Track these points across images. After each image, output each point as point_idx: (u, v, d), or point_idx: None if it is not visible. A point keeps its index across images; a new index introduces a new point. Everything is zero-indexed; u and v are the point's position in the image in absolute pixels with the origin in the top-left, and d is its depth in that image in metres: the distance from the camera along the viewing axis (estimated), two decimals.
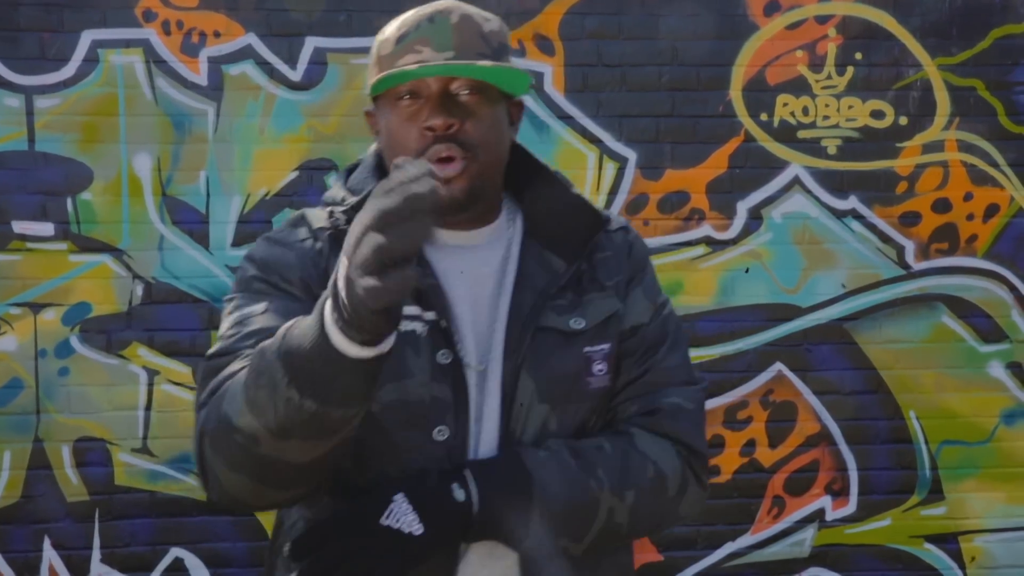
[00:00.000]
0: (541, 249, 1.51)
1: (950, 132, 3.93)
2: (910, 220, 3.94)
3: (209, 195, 3.68)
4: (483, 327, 1.46)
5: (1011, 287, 3.97)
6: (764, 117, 3.88)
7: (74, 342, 3.65)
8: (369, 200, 1.08)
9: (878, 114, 3.92)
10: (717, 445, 3.89)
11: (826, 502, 3.94)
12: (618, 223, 1.59)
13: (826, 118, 3.90)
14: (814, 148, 3.90)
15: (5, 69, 3.59)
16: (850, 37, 3.90)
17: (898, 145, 3.92)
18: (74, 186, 3.63)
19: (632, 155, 3.84)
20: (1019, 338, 3.98)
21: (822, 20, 3.90)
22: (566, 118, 3.81)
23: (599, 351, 1.48)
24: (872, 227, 3.92)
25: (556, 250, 1.51)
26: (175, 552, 3.70)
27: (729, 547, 3.91)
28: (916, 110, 3.92)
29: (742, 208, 3.88)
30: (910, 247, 3.93)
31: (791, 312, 3.91)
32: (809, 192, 3.90)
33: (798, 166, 3.89)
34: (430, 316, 1.42)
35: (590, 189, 3.82)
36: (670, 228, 3.85)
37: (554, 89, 3.79)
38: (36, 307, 3.64)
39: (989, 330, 3.97)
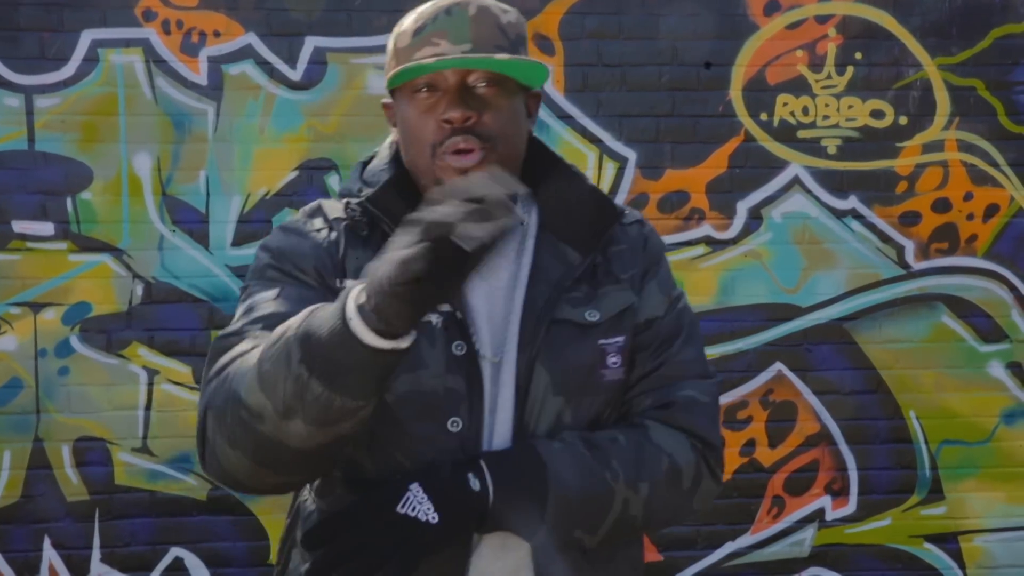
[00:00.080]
0: (556, 241, 1.51)
1: (950, 132, 3.93)
2: (910, 220, 3.94)
3: (209, 195, 3.68)
4: (498, 319, 1.46)
5: (1011, 287, 3.97)
6: (764, 117, 3.88)
7: (74, 342, 3.65)
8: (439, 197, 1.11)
9: (878, 114, 3.91)
10: None
11: (826, 502, 3.94)
12: (633, 216, 1.59)
13: (826, 118, 3.90)
14: (814, 148, 3.90)
15: (5, 69, 3.59)
16: (850, 37, 3.90)
17: (898, 145, 3.92)
18: (74, 186, 3.63)
19: (632, 155, 3.84)
20: (1019, 338, 3.98)
21: (822, 20, 3.90)
22: (566, 118, 3.81)
23: (614, 344, 1.48)
24: (872, 227, 3.92)
25: (571, 242, 1.50)
26: (175, 552, 3.69)
27: (729, 547, 3.91)
28: (916, 110, 3.92)
29: (742, 208, 3.88)
30: (910, 247, 3.93)
31: (791, 312, 3.91)
32: (809, 192, 3.90)
33: (798, 166, 3.89)
34: (445, 307, 1.42)
35: None
36: (670, 228, 3.85)
37: (554, 89, 3.79)
38: (36, 307, 3.63)
39: (989, 330, 3.97)
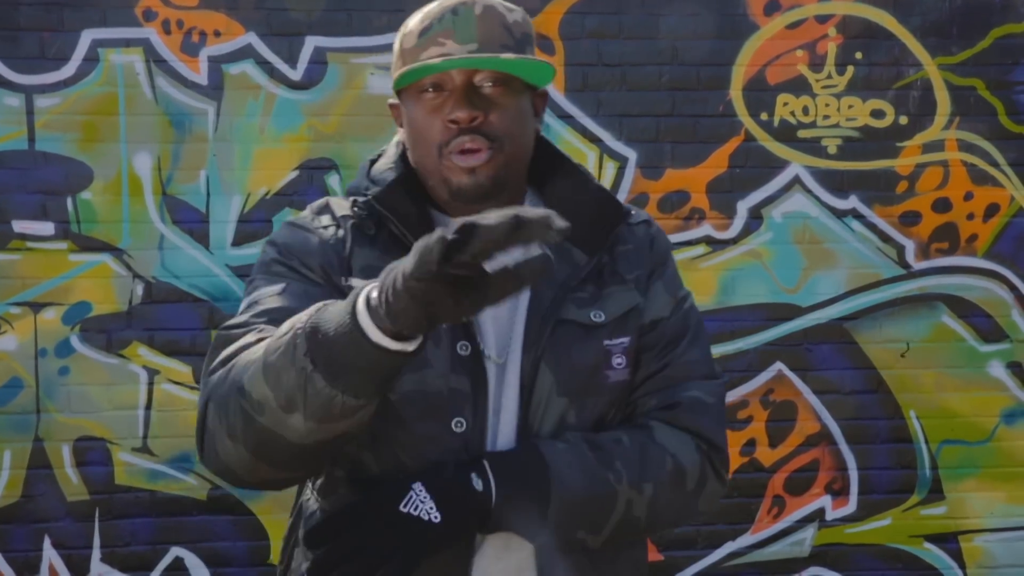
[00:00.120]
0: (563, 241, 1.50)
1: (950, 132, 3.93)
2: (910, 220, 3.94)
3: (209, 194, 3.68)
4: (503, 319, 1.45)
5: (1011, 287, 3.97)
6: (764, 117, 3.87)
7: (74, 341, 3.65)
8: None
9: (878, 113, 3.91)
10: None
11: (826, 502, 3.94)
12: (640, 216, 1.59)
13: (826, 117, 3.90)
14: (814, 148, 3.90)
15: (5, 68, 3.59)
16: (850, 36, 3.90)
17: (898, 145, 3.92)
18: (74, 185, 3.63)
19: (632, 154, 3.84)
20: (1019, 338, 3.98)
21: (822, 19, 3.90)
22: (566, 117, 3.81)
23: (618, 344, 1.48)
24: (872, 227, 3.92)
25: (578, 242, 1.49)
26: (175, 551, 3.69)
27: (729, 546, 3.91)
28: (916, 110, 3.92)
29: (742, 208, 3.88)
30: (910, 247, 3.93)
31: (791, 312, 3.91)
32: (809, 192, 3.90)
33: (798, 166, 3.89)
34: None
35: None
36: (670, 228, 3.84)
37: (554, 88, 3.78)
38: (36, 306, 3.63)
39: (989, 330, 3.97)
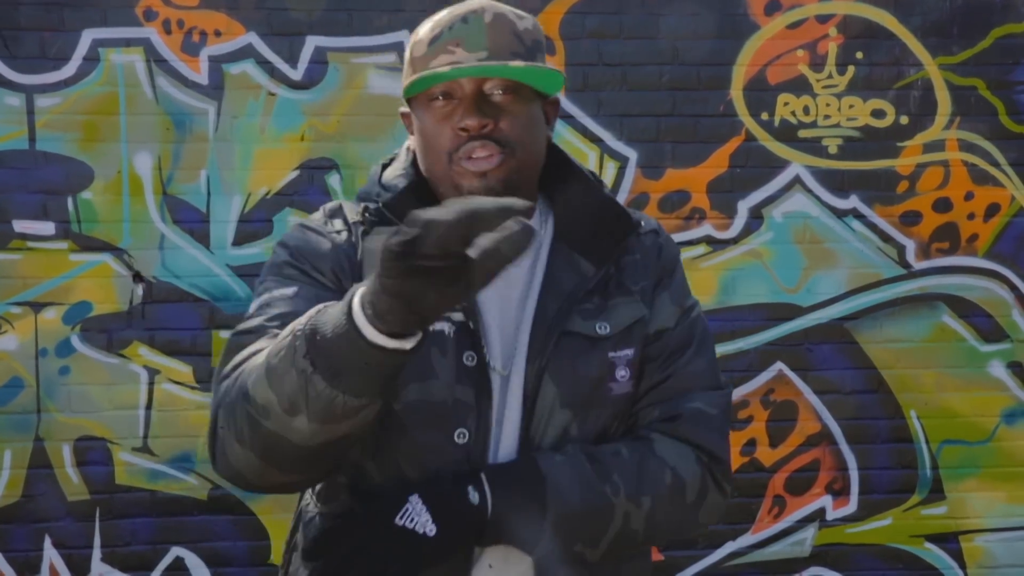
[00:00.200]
0: (570, 252, 1.50)
1: (951, 131, 3.93)
2: (911, 219, 3.94)
3: (210, 194, 3.68)
4: (509, 330, 1.45)
5: (1012, 286, 3.97)
6: (765, 116, 3.87)
7: (75, 341, 3.65)
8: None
9: (879, 113, 3.91)
10: None
11: (827, 501, 3.94)
12: (650, 226, 1.58)
13: (827, 117, 3.90)
14: (815, 147, 3.90)
15: (6, 68, 3.59)
16: (851, 36, 3.90)
17: (899, 144, 3.92)
18: (75, 185, 3.63)
19: (633, 154, 3.84)
20: (1020, 337, 3.98)
21: (823, 19, 3.90)
22: (567, 117, 3.81)
23: (623, 357, 1.47)
24: (873, 226, 3.92)
25: (585, 253, 1.50)
26: (176, 551, 3.69)
27: (730, 546, 3.91)
28: (917, 109, 3.92)
29: (743, 207, 3.88)
30: (911, 246, 3.93)
31: (792, 311, 3.90)
32: (810, 191, 3.90)
33: (799, 165, 3.89)
34: (458, 317, 1.41)
35: None
36: (671, 227, 3.84)
37: None
38: (37, 306, 3.63)
39: (990, 330, 3.97)
